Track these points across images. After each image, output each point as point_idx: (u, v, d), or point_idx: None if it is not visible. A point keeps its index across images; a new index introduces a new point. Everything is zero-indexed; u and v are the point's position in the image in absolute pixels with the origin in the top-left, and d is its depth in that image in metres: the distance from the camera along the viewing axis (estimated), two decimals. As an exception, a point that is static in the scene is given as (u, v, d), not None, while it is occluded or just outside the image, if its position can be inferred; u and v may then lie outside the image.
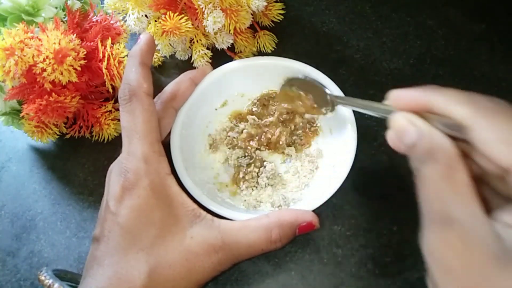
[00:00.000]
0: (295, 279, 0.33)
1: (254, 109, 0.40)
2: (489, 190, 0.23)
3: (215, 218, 0.30)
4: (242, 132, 0.38)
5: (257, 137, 0.38)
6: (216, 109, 0.39)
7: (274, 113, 0.39)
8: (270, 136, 0.38)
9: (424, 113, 0.24)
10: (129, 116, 0.31)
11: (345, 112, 0.34)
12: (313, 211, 0.31)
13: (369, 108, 0.31)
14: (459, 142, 0.22)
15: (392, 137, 0.25)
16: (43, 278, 0.29)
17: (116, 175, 0.30)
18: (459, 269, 0.19)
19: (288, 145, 0.38)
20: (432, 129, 0.23)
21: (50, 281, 0.29)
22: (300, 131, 0.38)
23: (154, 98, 0.33)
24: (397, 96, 0.26)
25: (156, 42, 0.42)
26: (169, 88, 0.36)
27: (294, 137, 0.38)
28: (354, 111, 0.34)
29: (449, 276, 0.20)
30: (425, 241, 0.21)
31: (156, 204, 0.29)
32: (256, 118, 0.39)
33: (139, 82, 0.32)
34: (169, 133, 0.35)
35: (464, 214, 0.20)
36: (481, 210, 0.20)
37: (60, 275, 0.31)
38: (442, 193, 0.21)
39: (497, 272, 0.18)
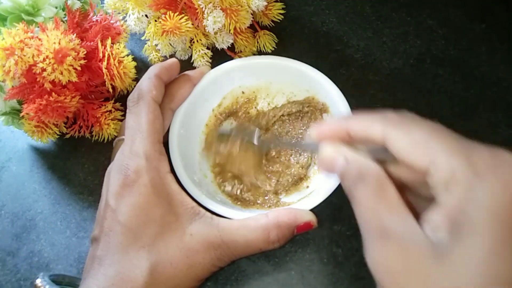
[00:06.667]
0: (295, 279, 0.33)
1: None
2: (413, 196, 0.25)
3: (214, 216, 0.30)
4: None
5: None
6: (213, 110, 0.39)
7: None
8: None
9: (349, 142, 0.27)
10: (134, 117, 0.33)
11: (344, 112, 0.34)
12: (312, 210, 0.31)
13: (296, 146, 0.32)
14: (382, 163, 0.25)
15: (323, 167, 0.27)
16: (39, 284, 0.29)
17: (116, 173, 0.31)
18: (402, 272, 0.21)
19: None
20: (356, 155, 0.25)
21: (47, 287, 0.29)
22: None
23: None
24: (319, 130, 0.28)
25: (156, 42, 0.42)
26: (167, 89, 0.36)
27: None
28: (353, 112, 0.34)
29: (394, 280, 0.22)
30: (369, 255, 0.23)
31: (157, 201, 0.29)
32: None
33: (149, 88, 0.33)
34: (167, 134, 0.35)
35: (398, 225, 0.22)
36: (412, 218, 0.22)
37: (57, 280, 0.31)
38: (377, 210, 0.23)
39: (432, 267, 0.20)
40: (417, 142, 0.23)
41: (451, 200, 0.21)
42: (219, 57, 0.42)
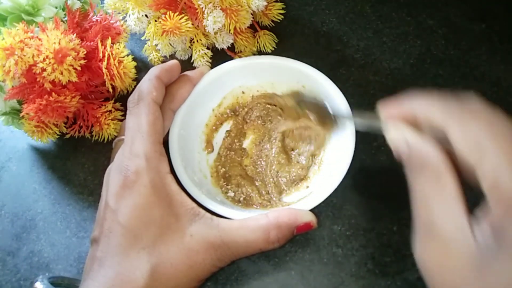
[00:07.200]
0: (295, 279, 0.33)
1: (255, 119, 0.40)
2: None
3: (214, 217, 0.30)
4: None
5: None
6: (213, 110, 0.39)
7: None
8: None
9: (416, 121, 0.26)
10: (134, 118, 0.33)
11: (343, 111, 0.34)
12: (312, 210, 0.31)
13: (367, 127, 0.31)
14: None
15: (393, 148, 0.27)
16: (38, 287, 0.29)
17: (116, 174, 0.31)
18: (440, 273, 0.21)
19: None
20: (419, 140, 0.24)
21: None
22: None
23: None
24: (388, 111, 0.28)
25: (156, 42, 0.42)
26: (166, 89, 0.36)
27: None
28: (352, 111, 0.34)
29: (432, 279, 0.22)
30: (415, 247, 0.23)
31: (156, 202, 0.29)
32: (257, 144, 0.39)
33: (150, 89, 0.33)
34: (167, 134, 0.35)
35: (447, 222, 0.21)
36: (464, 216, 0.21)
37: (56, 282, 0.31)
38: (429, 202, 0.22)
39: (472, 276, 0.20)
40: (470, 138, 0.22)
41: (495, 209, 0.20)
42: (219, 57, 0.42)
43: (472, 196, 0.22)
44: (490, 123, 0.22)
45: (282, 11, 0.43)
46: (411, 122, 0.26)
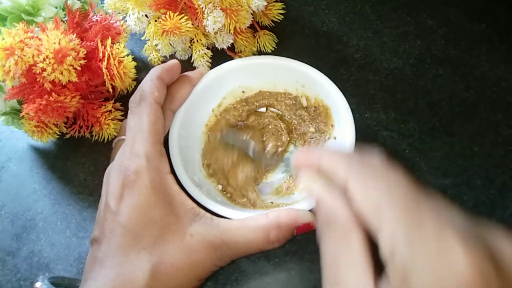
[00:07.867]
0: (295, 279, 0.33)
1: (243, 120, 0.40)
2: None
3: (214, 217, 0.30)
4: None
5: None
6: (213, 110, 0.39)
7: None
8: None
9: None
10: (136, 118, 0.33)
11: (344, 112, 0.34)
12: (312, 210, 0.31)
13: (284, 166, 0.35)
14: None
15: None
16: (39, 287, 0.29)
17: (116, 174, 0.31)
18: None
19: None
20: (328, 195, 0.24)
21: None
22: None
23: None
24: (296, 159, 0.28)
25: (156, 42, 0.42)
26: (167, 90, 0.36)
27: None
28: (353, 112, 0.34)
29: None
30: None
31: (157, 202, 0.29)
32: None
33: (151, 89, 0.33)
34: (167, 134, 0.35)
35: (351, 283, 0.21)
36: (369, 282, 0.21)
37: (57, 282, 0.31)
38: (336, 261, 0.22)
39: None
40: (370, 200, 0.22)
41: (392, 280, 0.20)
42: (219, 57, 0.42)
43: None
44: (389, 185, 0.22)
45: (282, 11, 0.43)
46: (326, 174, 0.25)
